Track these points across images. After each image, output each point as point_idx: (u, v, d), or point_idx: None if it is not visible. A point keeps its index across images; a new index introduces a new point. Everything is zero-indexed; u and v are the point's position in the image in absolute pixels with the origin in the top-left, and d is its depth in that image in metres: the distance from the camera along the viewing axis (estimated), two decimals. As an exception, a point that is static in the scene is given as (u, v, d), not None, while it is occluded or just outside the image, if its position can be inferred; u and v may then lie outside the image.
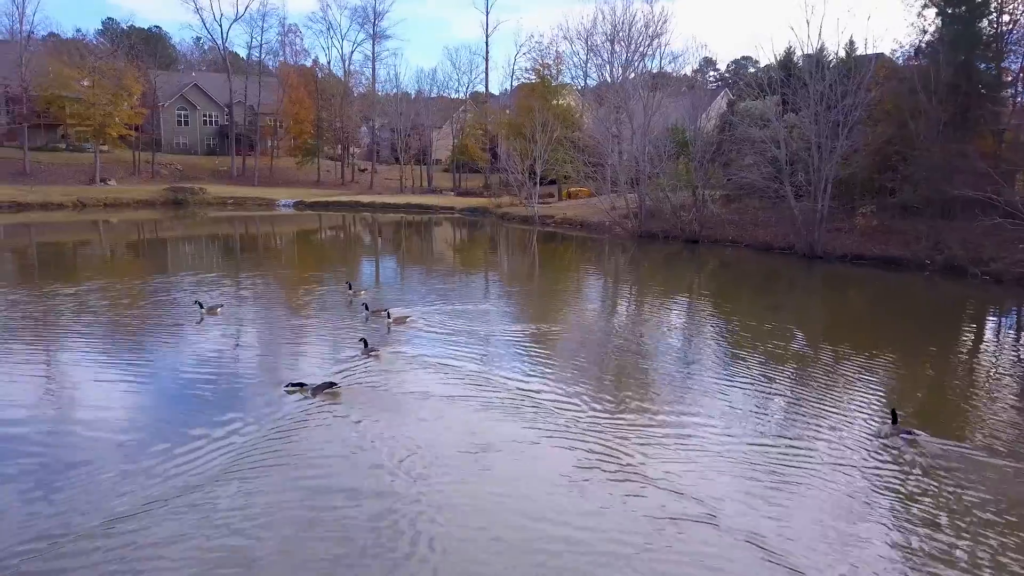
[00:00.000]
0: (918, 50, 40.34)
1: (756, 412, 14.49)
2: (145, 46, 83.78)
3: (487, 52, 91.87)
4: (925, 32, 38.45)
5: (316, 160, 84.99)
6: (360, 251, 45.15)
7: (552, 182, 69.24)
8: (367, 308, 20.99)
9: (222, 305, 21.31)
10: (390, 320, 19.73)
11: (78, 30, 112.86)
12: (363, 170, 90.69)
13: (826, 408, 14.70)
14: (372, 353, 17.18)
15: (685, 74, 68.62)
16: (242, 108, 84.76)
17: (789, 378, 17.10)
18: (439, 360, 17.21)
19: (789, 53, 47.47)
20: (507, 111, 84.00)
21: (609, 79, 63.78)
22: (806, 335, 21.46)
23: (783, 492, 10.94)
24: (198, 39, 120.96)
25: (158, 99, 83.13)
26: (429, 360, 17.17)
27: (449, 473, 11.27)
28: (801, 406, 14.90)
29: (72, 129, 71.84)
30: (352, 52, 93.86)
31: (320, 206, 69.86)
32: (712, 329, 23.05)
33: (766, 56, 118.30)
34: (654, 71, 58.66)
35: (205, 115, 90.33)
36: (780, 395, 15.86)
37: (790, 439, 13.02)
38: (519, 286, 31.33)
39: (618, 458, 11.89)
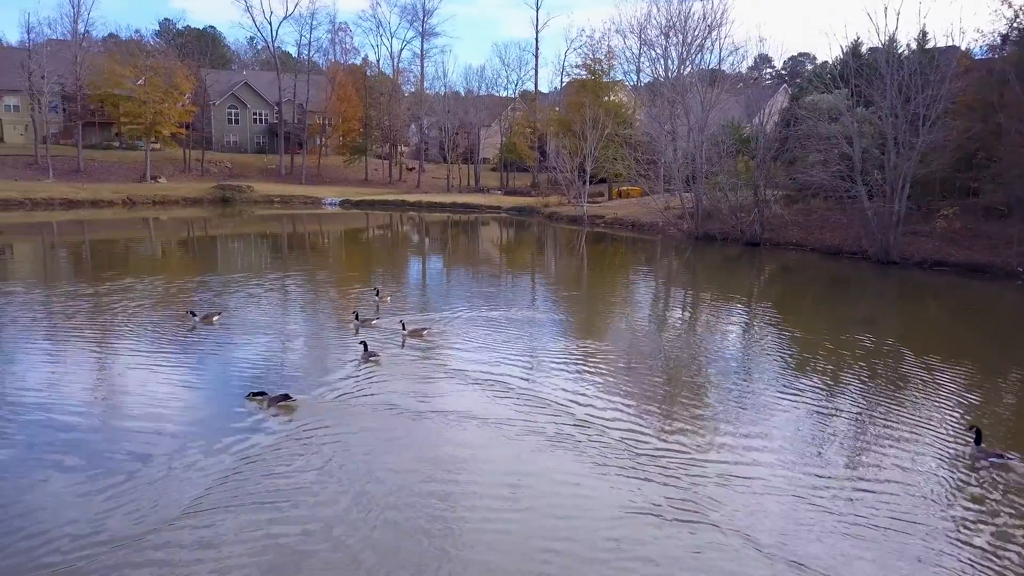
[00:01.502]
0: (1005, 38, 37.06)
1: (823, 436, 12.81)
2: (199, 45, 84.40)
3: (536, 48, 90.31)
4: (1017, 16, 35.17)
5: (364, 159, 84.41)
6: (405, 251, 43.82)
7: (602, 181, 67.06)
8: (357, 317, 19.12)
9: (219, 313, 19.43)
10: (405, 332, 18.00)
11: (136, 31, 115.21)
12: (411, 169, 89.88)
13: (902, 430, 12.93)
14: (372, 359, 16.07)
15: (740, 71, 65.52)
16: (291, 106, 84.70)
17: (859, 396, 15.13)
18: (476, 372, 15.52)
19: (856, 45, 44.55)
20: (556, 109, 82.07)
21: (663, 74, 61.24)
22: (878, 348, 19.22)
23: (859, 529, 9.47)
24: (251, 39, 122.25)
25: (209, 97, 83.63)
26: (467, 373, 15.47)
27: (484, 515, 9.55)
28: (873, 428, 13.19)
29: (125, 127, 72.50)
30: (401, 50, 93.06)
31: (366, 205, 69.04)
32: (773, 340, 20.84)
33: (830, 50, 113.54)
34: (712, 65, 55.91)
35: (255, 113, 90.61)
36: (850, 415, 13.98)
37: (863, 466, 11.53)
38: (566, 290, 29.43)
39: (675, 494, 10.26)
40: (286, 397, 13.26)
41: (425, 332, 18.20)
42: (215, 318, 19.01)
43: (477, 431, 12.41)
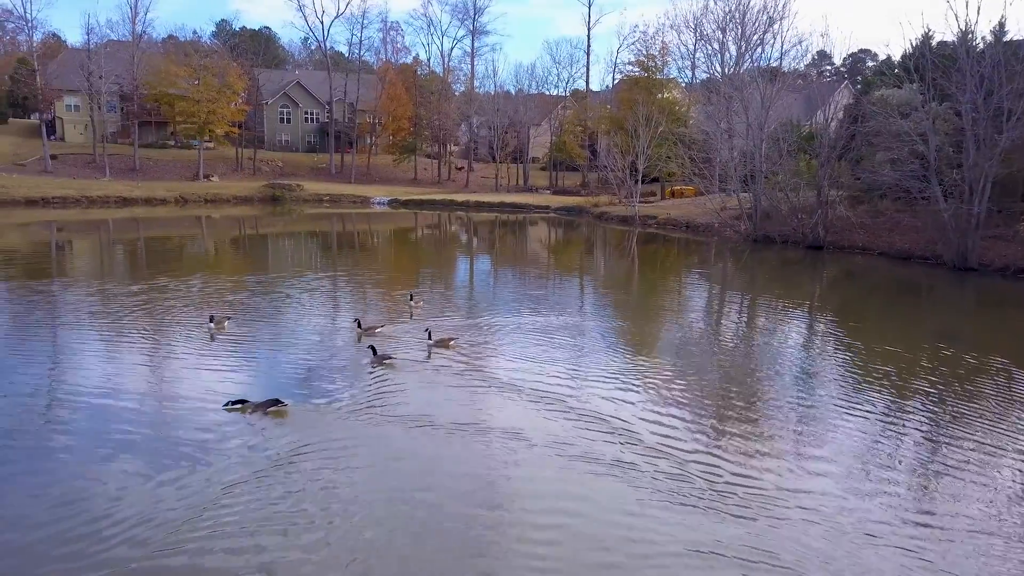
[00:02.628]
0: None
1: (890, 465, 11.41)
2: (252, 45, 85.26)
3: (588, 46, 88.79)
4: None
5: (413, 158, 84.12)
6: (452, 251, 42.94)
7: (655, 180, 65.22)
8: (359, 325, 17.90)
9: (229, 318, 18.49)
10: (431, 342, 16.75)
11: (194, 32, 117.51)
12: (460, 168, 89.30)
13: (980, 459, 11.46)
14: (385, 361, 15.32)
15: (798, 68, 62.85)
16: (342, 105, 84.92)
17: (930, 418, 13.58)
18: (521, 385, 14.33)
19: (927, 37, 41.94)
20: (608, 107, 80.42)
21: (720, 70, 59.17)
22: (958, 362, 17.42)
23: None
24: (305, 39, 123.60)
25: (261, 97, 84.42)
26: (511, 385, 14.29)
27: (530, 549, 8.38)
28: (946, 454, 11.75)
29: (179, 126, 73.53)
30: (452, 48, 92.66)
31: (414, 204, 68.57)
32: (838, 352, 19.23)
33: (904, 40, 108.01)
34: (773, 59, 53.62)
35: (306, 112, 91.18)
36: (919, 440, 12.55)
37: (936, 499, 10.25)
38: (617, 295, 28.02)
39: (741, 531, 8.99)
40: (276, 402, 12.49)
41: (453, 342, 16.93)
42: (225, 322, 18.05)
43: (522, 451, 11.26)
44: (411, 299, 21.46)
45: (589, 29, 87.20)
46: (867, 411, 13.68)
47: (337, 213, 62.23)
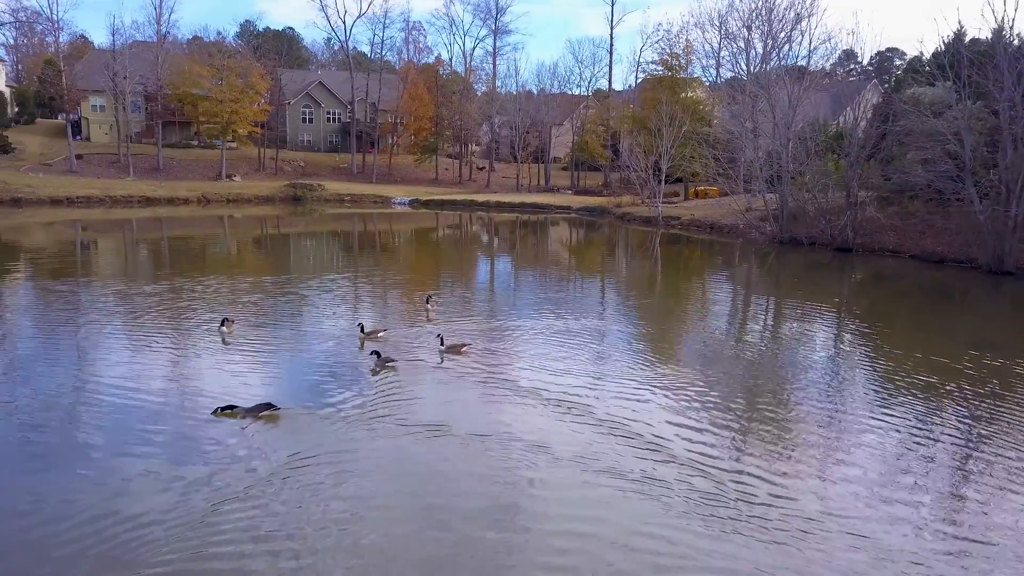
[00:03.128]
0: None
1: (931, 483, 10.82)
2: (275, 45, 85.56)
3: (611, 45, 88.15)
4: None
5: (434, 158, 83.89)
6: (473, 252, 42.53)
7: (678, 180, 64.34)
8: (362, 330, 17.45)
9: (233, 321, 18.01)
10: (442, 348, 16.28)
11: (219, 33, 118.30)
12: (481, 168, 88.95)
13: (1017, 476, 10.80)
14: (388, 365, 15.13)
15: (824, 67, 61.57)
16: (364, 105, 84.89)
17: (969, 431, 12.95)
18: (541, 391, 13.88)
19: (961, 34, 40.88)
20: (631, 106, 79.63)
21: (745, 68, 58.22)
22: (988, 370, 16.67)
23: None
24: (328, 39, 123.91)
25: (284, 97, 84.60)
26: (532, 392, 13.82)
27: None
28: (994, 471, 11.12)
29: (202, 126, 73.87)
30: (474, 48, 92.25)
31: (435, 204, 68.31)
32: (867, 359, 18.57)
33: (939, 36, 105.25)
34: (801, 57, 52.58)
35: (328, 112, 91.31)
36: (959, 455, 11.98)
37: (987, 520, 9.58)
38: (639, 298, 27.42)
39: (780, 556, 8.36)
40: (269, 406, 12.21)
41: (465, 348, 16.42)
42: (232, 325, 17.65)
43: (544, 464, 10.80)
44: (427, 302, 21.03)
45: (612, 28, 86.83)
46: (902, 423, 13.05)
47: (358, 213, 62.13)
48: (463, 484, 10.22)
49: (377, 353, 15.52)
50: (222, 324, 17.55)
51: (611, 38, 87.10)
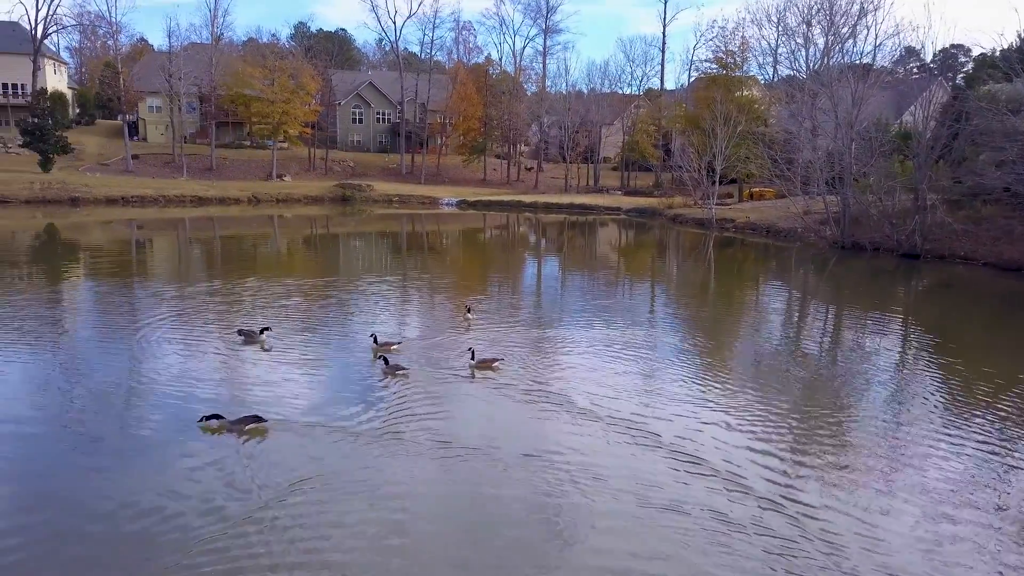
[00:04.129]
0: None
1: (998, 509, 9.77)
2: (326, 46, 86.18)
3: (663, 43, 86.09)
4: None
5: (483, 158, 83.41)
6: (518, 255, 41.69)
7: (732, 181, 62.48)
8: (375, 341, 16.58)
9: (269, 329, 17.33)
10: (473, 363, 15.32)
11: (273, 35, 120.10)
12: (529, 169, 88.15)
13: None
14: (399, 372, 14.67)
15: (884, 65, 58.76)
16: (413, 106, 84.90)
17: None
18: (592, 408, 12.94)
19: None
20: (683, 105, 77.87)
21: (804, 65, 56.12)
22: None
23: None
24: (380, 40, 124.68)
25: (335, 97, 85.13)
26: (583, 410, 12.88)
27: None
28: None
29: (254, 127, 74.74)
30: (524, 48, 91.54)
31: (482, 205, 67.73)
32: (930, 374, 17.12)
33: (1012, 31, 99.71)
34: (865, 53, 50.37)
35: (378, 113, 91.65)
36: None
37: None
38: (693, 306, 26.20)
39: None
40: (256, 419, 11.64)
41: (497, 364, 15.43)
42: (265, 334, 17.00)
43: (597, 494, 9.88)
44: (468, 312, 20.16)
45: (664, 26, 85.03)
46: (973, 448, 11.76)
47: (406, 214, 61.93)
48: (506, 510, 9.42)
49: (385, 359, 14.94)
50: (261, 332, 17.02)
51: (663, 36, 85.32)
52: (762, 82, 71.33)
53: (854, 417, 13.65)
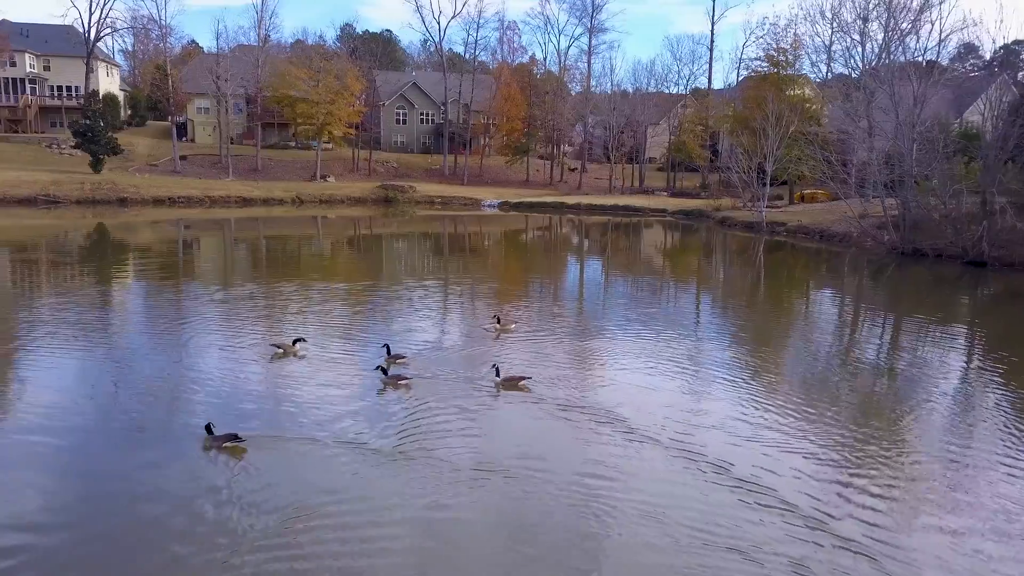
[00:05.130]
0: None
1: None
2: (370, 47, 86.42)
3: (711, 41, 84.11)
4: None
5: (526, 159, 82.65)
6: (561, 258, 40.79)
7: (783, 183, 60.53)
8: (388, 352, 15.84)
9: (304, 341, 16.71)
10: (498, 380, 14.42)
11: (320, 36, 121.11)
12: (573, 169, 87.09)
13: None
14: (401, 383, 14.14)
15: (950, 61, 56.27)
16: (456, 106, 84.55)
17: None
18: (638, 427, 11.99)
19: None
20: (732, 104, 75.95)
21: (860, 63, 54.02)
22: None
23: None
24: (424, 41, 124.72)
25: (379, 98, 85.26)
26: (618, 425, 11.95)
27: None
28: None
29: (299, 127, 75.17)
30: (568, 47, 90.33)
31: (525, 207, 66.93)
32: (998, 391, 15.70)
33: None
34: (929, 48, 48.04)
35: (422, 113, 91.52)
36: None
37: None
38: (743, 316, 24.97)
39: None
40: (234, 437, 11.17)
41: (524, 382, 14.46)
42: (295, 347, 16.35)
43: (647, 528, 9.01)
44: (498, 322, 19.29)
45: (713, 24, 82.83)
46: None
47: (448, 215, 61.50)
48: (547, 545, 8.55)
49: (383, 369, 14.32)
50: (295, 343, 16.44)
51: (712, 34, 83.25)
52: (815, 81, 69.09)
53: (918, 440, 12.53)
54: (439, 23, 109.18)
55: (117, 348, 16.96)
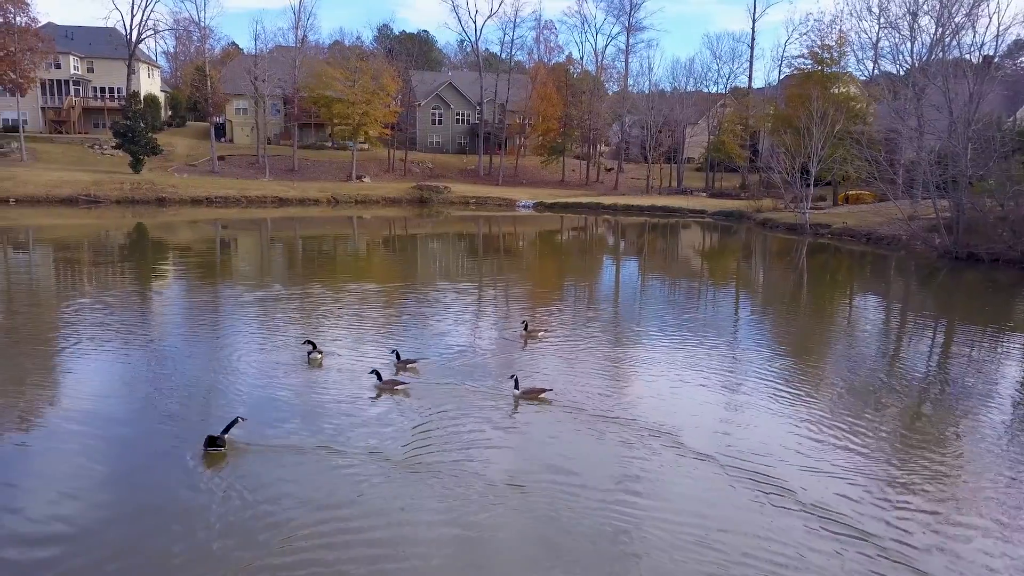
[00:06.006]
0: None
1: None
2: (405, 47, 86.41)
3: (752, 39, 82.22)
4: None
5: (561, 159, 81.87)
6: (597, 259, 39.94)
7: (826, 184, 58.84)
8: (398, 358, 15.32)
9: (320, 351, 15.99)
10: (517, 392, 13.60)
11: (357, 37, 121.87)
12: (609, 169, 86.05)
13: None
14: (397, 388, 13.68)
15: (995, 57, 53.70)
16: (492, 106, 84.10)
17: None
18: (670, 436, 11.17)
19: None
20: (773, 103, 74.23)
21: (910, 59, 52.14)
22: None
23: None
24: (461, 42, 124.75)
25: (415, 98, 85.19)
26: (649, 437, 11.17)
27: None
28: None
29: (335, 128, 75.43)
30: (606, 46, 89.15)
31: (560, 207, 66.16)
32: None
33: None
34: (985, 44, 46.16)
35: (458, 114, 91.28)
36: None
37: None
38: (784, 323, 23.87)
39: None
40: (213, 441, 10.81)
41: (544, 395, 13.57)
42: (319, 356, 15.77)
43: (708, 559, 8.21)
44: (525, 329, 18.50)
45: (754, 21, 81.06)
46: None
47: (482, 215, 61.00)
48: (587, 566, 7.87)
49: (377, 373, 13.81)
50: (314, 350, 15.89)
51: (752, 31, 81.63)
52: (861, 79, 67.11)
53: (962, 468, 11.44)
54: (475, 22, 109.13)
55: (155, 350, 16.82)
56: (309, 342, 15.97)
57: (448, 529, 8.86)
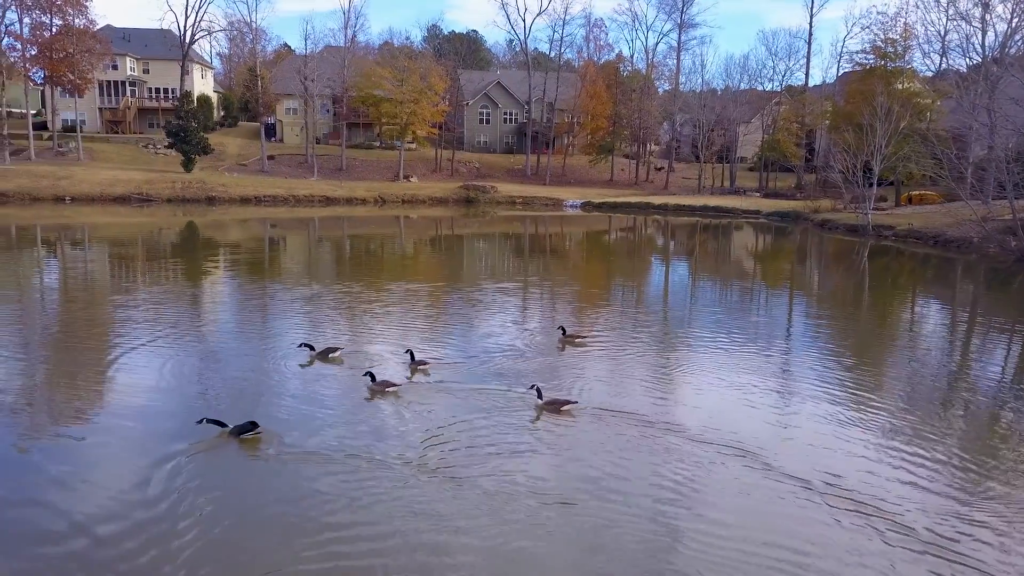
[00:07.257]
0: None
1: None
2: (453, 46, 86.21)
3: (810, 34, 79.63)
4: None
5: (610, 158, 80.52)
6: (646, 260, 38.70)
7: (888, 184, 56.37)
8: (412, 358, 14.70)
9: (341, 348, 15.53)
10: (540, 403, 12.55)
11: (406, 38, 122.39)
12: (659, 169, 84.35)
13: None
14: (388, 389, 13.11)
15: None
16: (540, 105, 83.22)
17: None
18: (731, 447, 10.07)
19: None
20: (831, 100, 71.66)
21: (981, 52, 49.59)
22: None
23: None
24: (510, 41, 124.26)
25: (463, 97, 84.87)
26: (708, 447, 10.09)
27: None
28: None
29: (383, 127, 75.56)
30: (656, 43, 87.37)
31: (608, 207, 64.91)
32: None
33: None
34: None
35: (505, 113, 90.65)
36: None
37: None
38: (845, 334, 22.38)
39: None
40: (238, 429, 10.80)
41: (568, 407, 12.48)
42: (338, 353, 15.25)
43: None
44: (563, 333, 17.49)
45: (812, 16, 78.33)
46: None
47: (529, 216, 60.14)
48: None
49: (371, 375, 13.21)
50: (330, 352, 15.27)
51: (810, 26, 78.66)
52: (927, 74, 64.25)
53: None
54: (524, 20, 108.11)
55: (205, 347, 16.60)
56: (306, 344, 15.49)
57: (484, 542, 8.01)
